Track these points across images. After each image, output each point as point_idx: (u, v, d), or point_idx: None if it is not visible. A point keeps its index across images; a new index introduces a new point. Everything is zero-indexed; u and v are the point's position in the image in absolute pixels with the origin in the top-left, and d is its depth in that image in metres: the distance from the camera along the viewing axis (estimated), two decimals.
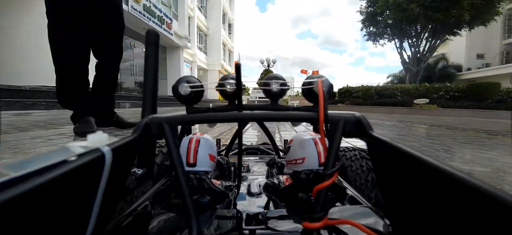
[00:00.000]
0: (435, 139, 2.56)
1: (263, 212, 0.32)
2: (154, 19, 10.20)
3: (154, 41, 0.39)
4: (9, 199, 0.12)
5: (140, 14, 9.25)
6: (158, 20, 10.55)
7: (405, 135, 2.96)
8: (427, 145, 2.15)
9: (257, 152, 0.90)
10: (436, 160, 0.19)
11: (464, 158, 1.70)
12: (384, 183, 0.28)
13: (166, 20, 11.30)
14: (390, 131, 3.42)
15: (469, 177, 0.16)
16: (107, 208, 0.24)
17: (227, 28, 24.59)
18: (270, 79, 0.37)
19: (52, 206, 0.16)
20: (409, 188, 0.22)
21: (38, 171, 0.15)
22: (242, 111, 0.35)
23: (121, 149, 0.24)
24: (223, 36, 22.48)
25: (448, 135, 2.96)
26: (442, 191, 0.18)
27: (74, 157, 0.18)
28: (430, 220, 0.20)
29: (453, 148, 2.07)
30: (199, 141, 0.40)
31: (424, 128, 3.96)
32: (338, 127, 0.31)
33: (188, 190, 0.28)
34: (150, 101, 0.38)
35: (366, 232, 0.24)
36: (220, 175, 0.51)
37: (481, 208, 0.15)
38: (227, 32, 24.57)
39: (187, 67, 16.69)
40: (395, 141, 0.25)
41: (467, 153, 1.88)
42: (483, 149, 2.00)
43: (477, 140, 2.55)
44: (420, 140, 2.50)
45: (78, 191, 0.19)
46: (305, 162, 0.38)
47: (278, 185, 0.40)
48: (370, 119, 0.34)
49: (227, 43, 24.81)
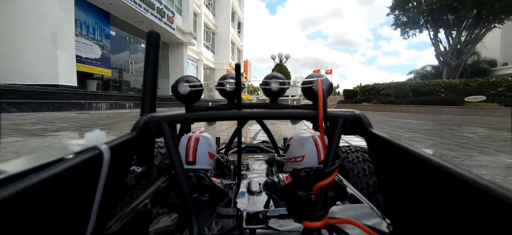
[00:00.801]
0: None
1: (263, 211, 0.32)
2: (152, 11, 9.00)
3: (155, 42, 0.40)
4: (6, 196, 0.12)
5: (135, 5, 8.07)
6: (157, 12, 9.35)
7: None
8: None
9: (257, 150, 0.91)
10: (437, 158, 0.19)
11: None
12: (384, 181, 0.28)
13: (167, 13, 10.10)
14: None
15: (470, 174, 0.15)
16: (107, 206, 0.24)
17: (236, 27, 23.36)
18: (270, 79, 0.37)
19: (51, 204, 0.16)
20: (409, 185, 0.22)
21: (35, 169, 0.15)
22: (241, 110, 0.35)
23: (120, 147, 0.24)
24: (232, 35, 21.24)
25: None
26: (442, 188, 0.18)
27: (71, 155, 0.18)
28: (430, 217, 0.19)
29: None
30: (198, 139, 0.39)
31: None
32: (337, 124, 0.31)
33: (188, 189, 0.28)
34: (149, 100, 0.39)
35: (366, 231, 0.24)
36: (220, 173, 0.52)
37: (482, 205, 0.14)
38: (236, 31, 23.33)
39: (192, 65, 15.50)
40: (395, 138, 0.25)
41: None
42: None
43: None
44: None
45: (77, 189, 0.19)
46: (304, 159, 0.38)
47: (278, 183, 0.41)
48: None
49: (236, 42, 23.55)
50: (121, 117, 4.63)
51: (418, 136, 2.90)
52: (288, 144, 0.43)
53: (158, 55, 0.40)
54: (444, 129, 3.64)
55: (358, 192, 0.39)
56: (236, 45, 23.63)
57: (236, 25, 23.44)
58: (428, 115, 6.99)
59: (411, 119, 5.64)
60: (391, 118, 6.20)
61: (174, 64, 12.35)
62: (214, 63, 19.29)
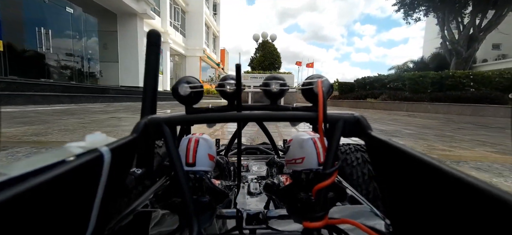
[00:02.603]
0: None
1: (263, 212, 0.32)
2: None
3: (155, 42, 0.40)
4: (8, 198, 0.12)
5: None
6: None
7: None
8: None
9: (256, 151, 0.90)
10: (435, 160, 0.19)
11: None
12: (383, 183, 0.28)
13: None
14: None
15: (468, 176, 0.16)
16: (107, 207, 0.24)
17: (211, 8, 20.24)
18: (270, 80, 0.38)
19: (52, 206, 0.16)
20: (408, 187, 0.22)
21: (36, 171, 0.15)
22: (241, 112, 0.35)
23: (120, 149, 0.25)
24: (207, 16, 18.16)
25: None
26: (441, 190, 0.18)
27: (72, 157, 0.18)
28: (430, 219, 0.20)
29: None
30: (198, 141, 0.39)
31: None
32: (337, 126, 0.31)
33: (188, 190, 0.28)
34: (150, 102, 0.39)
35: (366, 231, 0.25)
36: (220, 175, 0.51)
37: (481, 207, 0.15)
38: (211, 12, 20.23)
39: None
40: (394, 140, 0.25)
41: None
42: None
43: None
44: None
45: (78, 190, 0.19)
46: (304, 161, 0.38)
47: (277, 185, 0.41)
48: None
49: (212, 26, 20.46)
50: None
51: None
52: (288, 146, 0.42)
53: (159, 56, 0.40)
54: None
55: (357, 193, 0.39)
56: (211, 29, 20.54)
57: (211, 5, 20.30)
58: (471, 118, 5.14)
59: (472, 124, 3.78)
60: (441, 123, 4.22)
61: (124, 43, 9.20)
62: (184, 49, 16.14)
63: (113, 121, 2.96)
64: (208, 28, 19.67)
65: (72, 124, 2.47)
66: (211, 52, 20.36)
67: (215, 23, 21.69)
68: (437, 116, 5.53)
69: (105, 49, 9.16)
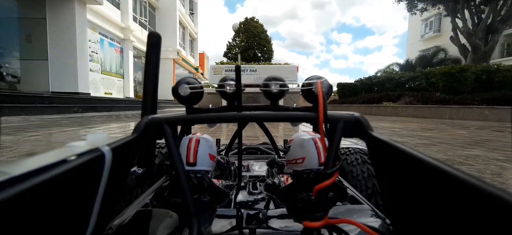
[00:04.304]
0: None
1: (263, 211, 0.32)
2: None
3: (156, 43, 0.40)
4: (9, 197, 0.13)
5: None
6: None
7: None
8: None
9: (257, 151, 0.90)
10: (436, 160, 0.19)
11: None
12: (384, 183, 0.28)
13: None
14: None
15: (469, 176, 0.16)
16: (108, 206, 0.24)
17: (187, 5, 17.97)
18: (270, 81, 0.37)
19: (53, 204, 0.16)
20: (409, 187, 0.22)
21: (38, 170, 0.15)
22: (242, 112, 0.35)
23: (121, 148, 0.25)
24: (181, 14, 15.83)
25: None
26: (441, 190, 0.18)
27: (73, 156, 0.18)
28: (430, 219, 0.20)
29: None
30: (198, 140, 0.39)
31: None
32: (337, 127, 0.31)
33: (188, 189, 0.28)
34: (150, 102, 0.39)
35: (366, 231, 0.25)
36: (220, 175, 0.51)
37: (481, 207, 0.15)
38: (187, 11, 17.93)
39: (112, 46, 9.83)
40: (395, 140, 0.25)
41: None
42: None
43: None
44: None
45: (79, 190, 0.19)
46: (305, 161, 0.37)
47: (278, 185, 0.41)
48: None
49: (188, 26, 18.10)
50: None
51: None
52: (289, 146, 0.42)
53: (159, 56, 0.40)
54: None
55: (358, 193, 0.38)
56: (188, 30, 18.17)
57: (187, 3, 18.02)
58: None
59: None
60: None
61: (57, 36, 6.61)
62: None
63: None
64: (184, 29, 17.31)
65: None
66: (188, 55, 17.93)
67: (192, 24, 19.36)
68: (507, 126, 3.76)
69: (28, 43, 6.55)
